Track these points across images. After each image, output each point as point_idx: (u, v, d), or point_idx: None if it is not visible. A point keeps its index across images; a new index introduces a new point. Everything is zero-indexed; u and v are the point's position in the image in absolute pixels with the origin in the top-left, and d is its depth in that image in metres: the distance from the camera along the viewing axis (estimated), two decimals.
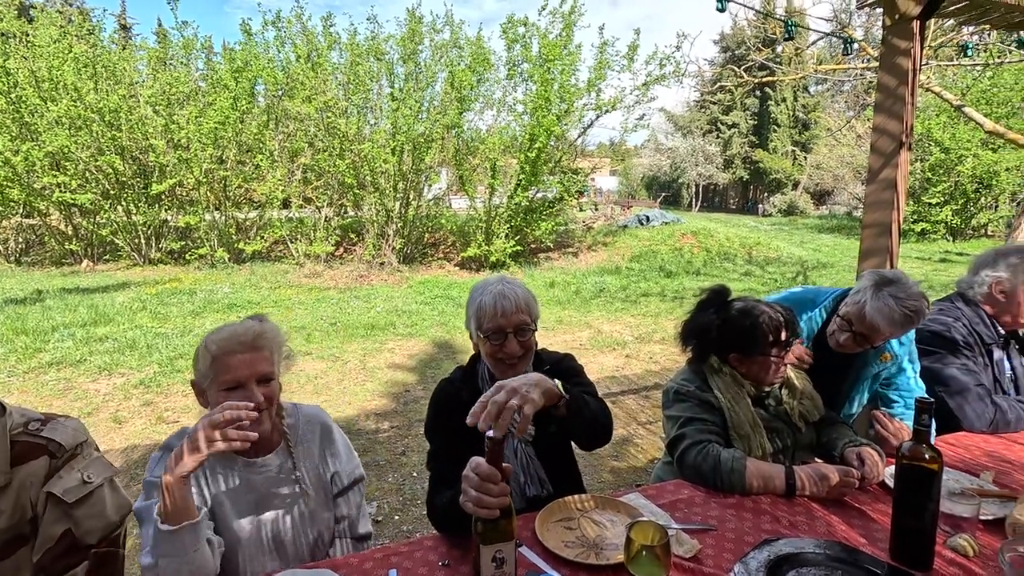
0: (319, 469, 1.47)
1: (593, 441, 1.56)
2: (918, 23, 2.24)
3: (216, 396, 1.31)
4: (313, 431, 1.50)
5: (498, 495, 1.07)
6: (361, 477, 1.56)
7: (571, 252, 13.53)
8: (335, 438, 1.53)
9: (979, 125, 7.13)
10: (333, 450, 1.51)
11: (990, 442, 1.85)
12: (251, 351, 1.32)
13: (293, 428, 1.48)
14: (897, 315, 1.72)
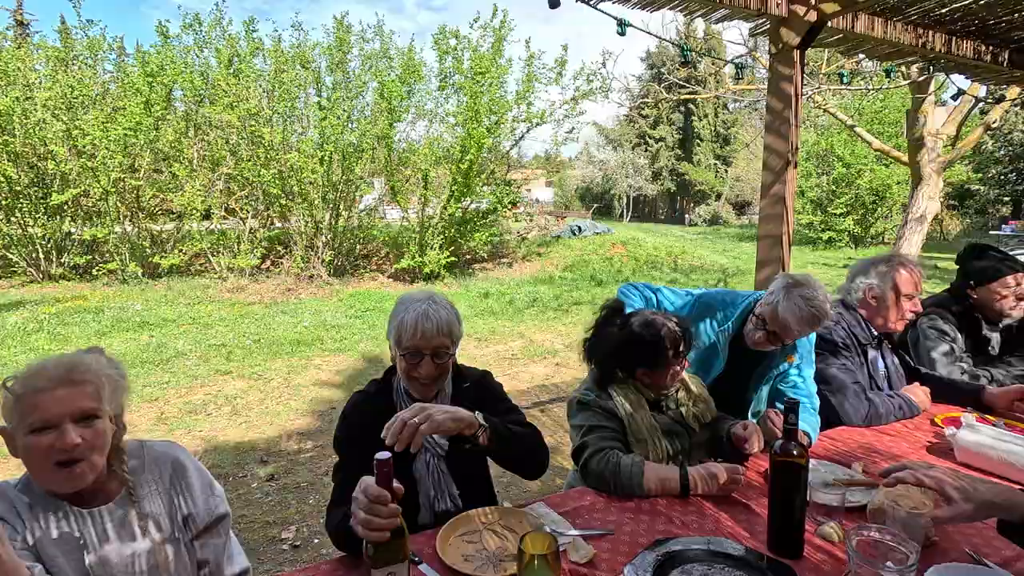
0: (171, 513, 1.30)
1: (525, 472, 1.58)
2: (799, 52, 2.45)
3: (24, 440, 1.12)
4: (162, 471, 1.32)
5: (387, 517, 1.06)
6: (224, 515, 1.38)
7: (506, 262, 13.65)
8: (189, 476, 1.35)
9: (868, 143, 7.86)
10: (186, 490, 1.34)
11: (864, 435, 2.02)
12: (65, 386, 1.13)
13: (137, 471, 1.29)
14: (806, 314, 1.86)
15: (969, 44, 3.07)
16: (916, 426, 2.09)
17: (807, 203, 18.58)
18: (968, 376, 2.44)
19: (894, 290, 2.21)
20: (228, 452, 3.98)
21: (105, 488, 1.24)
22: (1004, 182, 21.87)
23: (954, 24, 2.87)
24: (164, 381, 5.48)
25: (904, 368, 2.41)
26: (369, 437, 1.52)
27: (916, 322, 2.65)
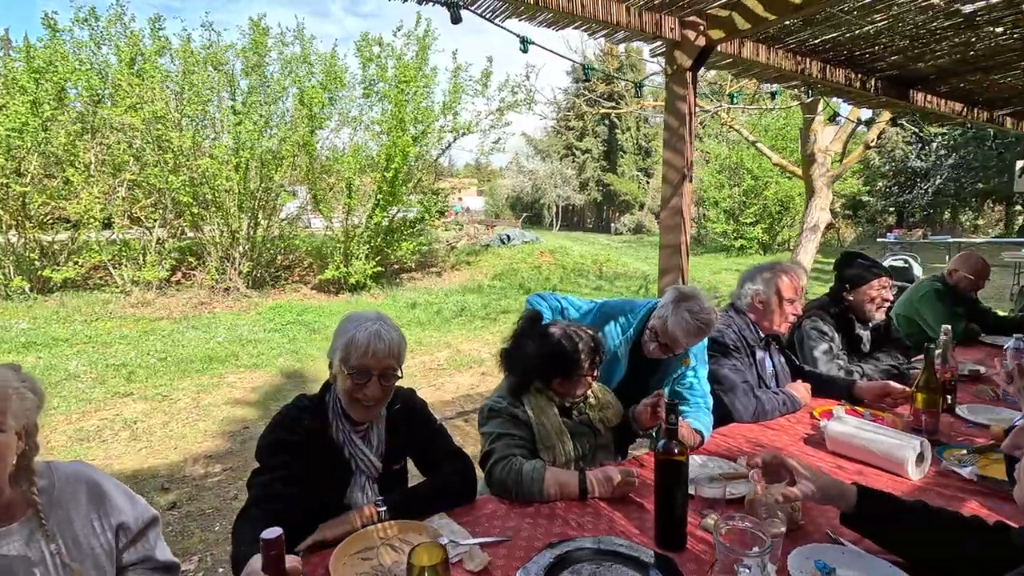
0: (90, 533, 1.27)
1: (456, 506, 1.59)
2: (691, 74, 2.62)
3: None
4: (76, 491, 1.28)
5: None
6: (155, 516, 1.39)
7: (434, 272, 13.55)
8: (107, 491, 1.33)
9: (768, 158, 8.51)
10: (109, 505, 1.32)
11: (752, 430, 2.18)
12: None
13: (47, 491, 1.24)
14: (692, 327, 1.98)
15: (841, 72, 3.41)
16: (798, 420, 2.28)
17: (720, 213, 19.77)
18: (844, 372, 2.69)
19: (777, 295, 2.40)
20: (124, 481, 3.67)
21: (8, 509, 1.17)
22: (889, 194, 24.26)
23: (827, 53, 3.18)
24: (51, 407, 4.99)
25: (789, 366, 2.62)
26: (296, 453, 1.48)
27: (800, 324, 2.90)
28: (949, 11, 2.59)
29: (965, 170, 20.87)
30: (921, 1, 2.47)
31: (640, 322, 2.12)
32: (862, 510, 1.30)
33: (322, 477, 1.50)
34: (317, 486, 1.48)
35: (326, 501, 1.50)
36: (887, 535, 1.29)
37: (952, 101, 4.16)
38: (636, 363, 2.15)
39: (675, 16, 2.58)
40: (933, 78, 3.63)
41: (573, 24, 2.54)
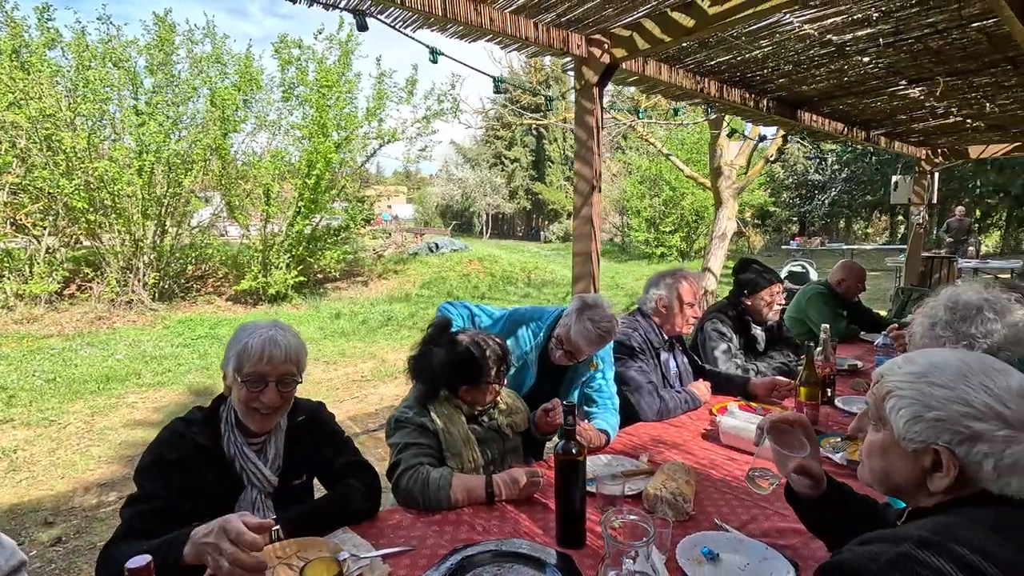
0: None
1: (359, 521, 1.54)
2: (598, 89, 2.74)
3: None
4: None
5: None
6: (22, 562, 1.24)
7: (360, 281, 13.21)
8: None
9: (680, 170, 9.02)
10: None
11: (656, 427, 2.29)
12: None
13: None
14: (593, 336, 2.06)
15: (737, 92, 3.68)
16: (698, 416, 2.42)
17: (642, 222, 20.64)
18: (741, 370, 2.88)
19: (679, 299, 2.55)
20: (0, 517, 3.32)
21: None
22: (792, 205, 26.27)
23: (723, 74, 3.43)
24: None
25: (692, 366, 2.78)
26: (184, 471, 1.40)
27: (702, 326, 3.09)
28: (823, 41, 2.87)
29: (855, 183, 23.01)
30: (799, 31, 2.72)
31: (548, 329, 2.18)
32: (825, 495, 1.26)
33: (209, 494, 1.43)
34: (202, 504, 1.41)
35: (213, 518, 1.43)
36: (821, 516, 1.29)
37: (834, 121, 4.60)
38: (546, 369, 2.21)
39: (581, 34, 2.69)
40: (816, 100, 4.01)
41: (485, 37, 2.59)
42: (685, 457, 1.98)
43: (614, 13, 2.49)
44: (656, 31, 2.45)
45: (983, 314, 1.52)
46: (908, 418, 0.93)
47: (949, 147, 5.91)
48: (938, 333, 1.58)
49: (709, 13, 2.26)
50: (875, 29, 2.71)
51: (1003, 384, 0.87)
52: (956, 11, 2.49)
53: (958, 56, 3.08)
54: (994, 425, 0.84)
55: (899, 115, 4.49)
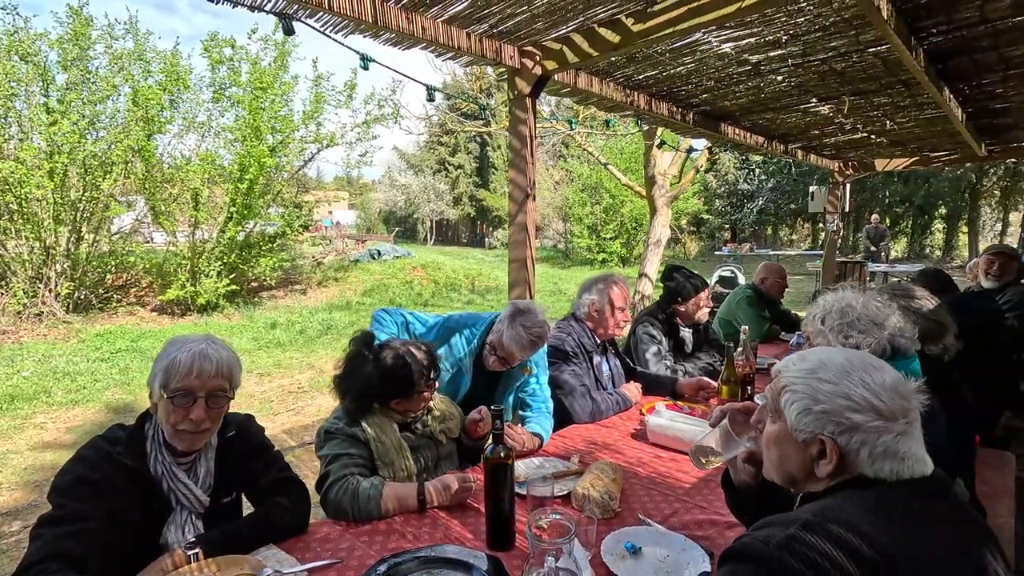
0: None
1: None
2: (531, 99, 2.80)
3: None
4: None
5: None
6: None
7: (299, 289, 12.79)
8: None
9: (617, 179, 9.30)
10: None
11: (589, 429, 2.36)
12: None
13: None
14: (526, 341, 2.09)
15: (665, 105, 3.86)
16: (629, 416, 2.51)
17: (584, 228, 21.09)
18: (670, 371, 3.01)
19: (610, 304, 2.64)
20: None
21: None
22: (724, 213, 27.59)
23: (651, 88, 3.58)
24: None
25: (624, 368, 2.88)
26: (107, 492, 1.31)
27: (635, 329, 3.20)
28: (740, 60, 3.06)
29: (780, 193, 24.44)
30: (717, 50, 2.89)
31: (483, 335, 2.21)
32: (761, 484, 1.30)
33: (134, 516, 1.36)
34: (128, 526, 1.33)
35: (139, 543, 1.36)
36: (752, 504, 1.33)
37: (755, 135, 4.89)
38: (481, 374, 2.23)
39: (514, 45, 2.75)
40: (737, 114, 4.25)
41: (419, 45, 2.60)
42: (615, 456, 2.05)
43: (544, 27, 2.56)
44: (584, 45, 2.54)
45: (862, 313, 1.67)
46: (799, 411, 1.01)
47: (858, 160, 6.41)
48: (823, 329, 1.72)
49: (633, 30, 2.36)
50: (785, 50, 2.92)
51: (879, 380, 0.97)
52: (854, 37, 2.72)
53: (859, 78, 3.36)
54: (869, 416, 0.93)
55: (812, 130, 4.84)
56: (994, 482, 2.50)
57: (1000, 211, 21.81)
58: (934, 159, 5.98)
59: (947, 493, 0.96)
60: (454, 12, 2.38)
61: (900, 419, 0.93)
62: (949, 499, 0.96)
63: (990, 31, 2.70)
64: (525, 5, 2.34)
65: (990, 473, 2.60)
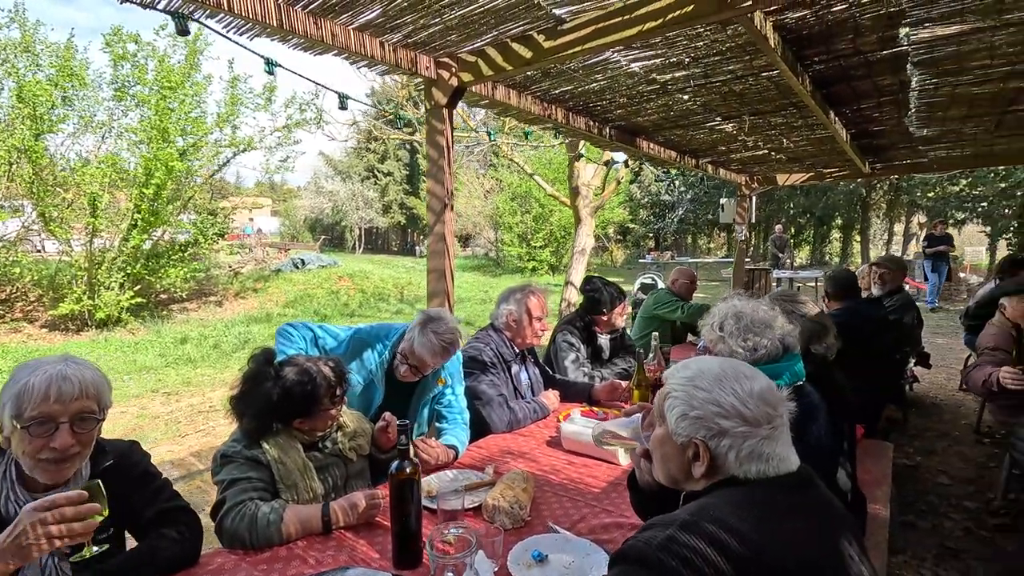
0: None
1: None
2: (447, 110, 2.80)
3: None
4: None
5: None
6: None
7: (214, 301, 12.06)
8: None
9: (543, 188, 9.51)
10: None
11: (506, 438, 2.37)
12: None
13: None
14: (437, 347, 2.07)
15: (582, 119, 3.98)
16: (546, 424, 2.54)
17: (514, 237, 21.32)
18: (587, 378, 3.09)
19: (528, 313, 2.68)
20: None
21: None
22: (648, 222, 28.80)
23: (568, 103, 3.69)
24: None
25: (543, 376, 2.93)
26: None
27: (554, 337, 3.27)
28: (649, 79, 3.22)
29: (698, 204, 25.83)
30: (627, 68, 3.02)
31: (394, 346, 2.17)
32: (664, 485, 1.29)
33: None
34: None
35: None
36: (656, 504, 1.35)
37: (668, 149, 5.15)
38: (394, 386, 2.19)
39: (430, 56, 2.75)
40: (651, 130, 4.46)
41: (331, 52, 2.54)
42: (529, 465, 2.07)
43: (459, 39, 2.58)
44: (499, 59, 2.57)
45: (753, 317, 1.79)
46: (678, 416, 1.07)
47: (762, 175, 6.90)
48: (722, 335, 1.83)
49: (545, 47, 2.43)
50: (689, 72, 3.10)
51: (747, 388, 1.04)
52: (749, 62, 2.94)
53: (757, 99, 3.63)
54: (736, 423, 1.01)
55: (719, 146, 5.16)
56: (875, 471, 2.74)
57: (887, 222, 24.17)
58: (827, 175, 6.54)
59: (809, 487, 1.04)
60: (365, 20, 2.35)
61: (765, 425, 1.01)
62: (811, 492, 1.04)
63: (864, 62, 2.99)
64: (438, 17, 2.35)
65: (871, 462, 2.85)
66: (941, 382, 5.97)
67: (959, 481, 3.67)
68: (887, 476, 2.73)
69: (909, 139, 4.84)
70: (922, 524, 3.16)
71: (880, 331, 3.48)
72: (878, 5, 2.33)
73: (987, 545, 2.95)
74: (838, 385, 2.13)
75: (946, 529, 3.10)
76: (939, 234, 11.08)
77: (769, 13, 2.38)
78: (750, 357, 1.80)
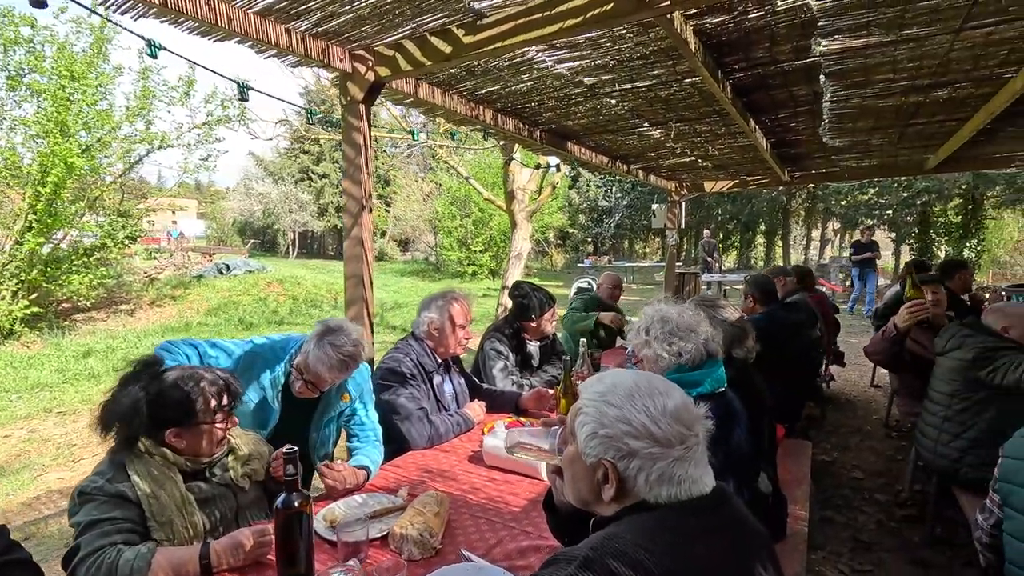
0: None
1: None
2: (364, 106, 2.64)
3: None
4: None
5: None
6: None
7: (125, 310, 11.15)
8: None
9: (480, 193, 9.42)
10: None
11: (426, 455, 2.23)
12: None
13: None
14: (335, 361, 1.89)
15: (512, 121, 3.90)
16: (470, 438, 2.42)
17: (453, 241, 21.09)
18: (516, 386, 3.00)
19: (450, 321, 2.54)
20: None
21: None
22: (587, 227, 29.31)
23: (496, 103, 3.60)
24: None
25: (469, 386, 2.80)
26: None
27: (483, 345, 3.15)
28: (576, 81, 3.18)
29: (635, 209, 26.54)
30: (553, 69, 2.96)
31: (292, 359, 1.99)
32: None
33: None
34: None
35: None
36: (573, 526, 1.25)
37: (599, 154, 5.17)
38: (292, 405, 2.00)
39: (344, 48, 2.57)
40: (581, 134, 4.45)
41: (231, 38, 2.32)
42: (448, 484, 1.94)
43: (374, 31, 2.43)
44: (417, 54, 2.44)
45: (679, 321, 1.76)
46: (587, 434, 0.98)
47: (691, 181, 7.09)
48: (648, 339, 1.79)
49: (464, 42, 2.31)
50: (615, 75, 3.08)
51: (660, 406, 0.96)
52: (672, 67, 2.95)
53: (682, 106, 3.67)
54: (647, 443, 0.92)
55: (649, 152, 5.23)
56: (795, 470, 2.80)
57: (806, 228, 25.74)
58: (750, 182, 6.80)
59: (722, 505, 0.98)
60: (266, 3, 2.15)
61: (677, 445, 0.93)
62: (724, 511, 0.97)
63: (780, 71, 3.08)
64: (348, 5, 2.19)
65: (792, 462, 2.91)
66: (855, 379, 6.32)
67: (871, 475, 3.85)
68: (806, 475, 2.79)
69: (823, 149, 5.09)
70: (839, 519, 3.26)
71: (797, 334, 3.59)
72: (792, 14, 2.37)
73: (896, 536, 3.08)
74: (758, 389, 2.13)
75: (860, 523, 3.22)
76: (865, 241, 10.44)
77: (689, 17, 2.37)
78: (675, 362, 1.78)
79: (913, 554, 2.91)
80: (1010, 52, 2.79)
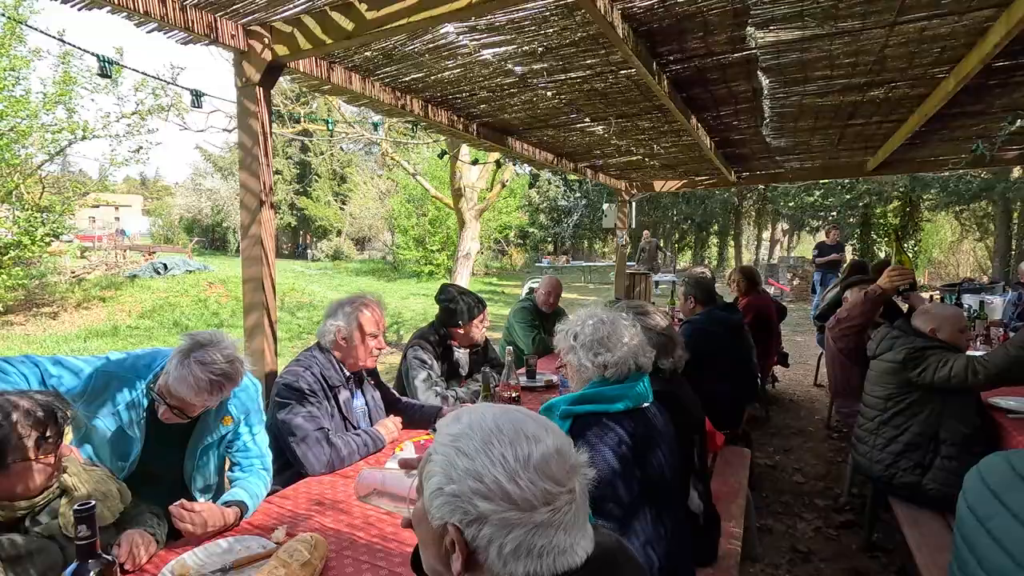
0: None
1: None
2: (261, 89, 2.36)
3: None
4: None
5: None
6: None
7: (47, 313, 10.36)
8: None
9: (427, 190, 9.13)
10: None
11: (323, 482, 1.97)
12: None
13: None
14: (203, 383, 1.60)
15: (444, 113, 3.67)
16: (377, 460, 2.18)
17: (410, 240, 20.66)
18: (441, 398, 2.77)
19: (360, 330, 2.29)
20: None
21: None
22: (546, 227, 29.28)
23: (424, 93, 3.36)
24: None
25: (386, 400, 2.55)
26: None
27: (406, 353, 2.91)
28: (505, 70, 2.97)
29: (593, 209, 26.67)
30: (477, 56, 2.75)
31: (155, 379, 1.70)
32: None
33: None
34: None
35: None
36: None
37: (544, 151, 4.99)
38: (159, 432, 1.72)
39: (236, 22, 2.29)
40: (521, 129, 4.25)
41: (101, 7, 2.01)
42: (338, 519, 1.69)
43: (268, 4, 2.15)
44: (317, 30, 2.18)
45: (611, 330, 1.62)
46: (432, 489, 0.77)
47: (640, 180, 7.01)
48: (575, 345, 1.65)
49: (367, 18, 2.07)
50: (546, 64, 2.89)
51: (524, 455, 0.75)
52: (604, 56, 2.78)
53: (620, 100, 3.52)
54: (500, 505, 0.71)
55: (595, 149, 5.08)
56: (732, 482, 2.68)
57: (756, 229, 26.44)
58: (699, 182, 6.77)
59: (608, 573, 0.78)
60: None
61: (541, 507, 0.72)
62: None
63: (717, 64, 2.95)
64: None
65: (729, 472, 2.79)
66: (799, 379, 6.37)
67: (812, 478, 3.80)
68: (743, 486, 2.67)
69: (767, 150, 5.06)
70: (778, 527, 3.18)
71: (738, 334, 3.50)
72: (724, 1, 2.23)
73: (834, 543, 3.01)
74: (686, 403, 1.98)
75: (799, 531, 3.14)
76: (831, 242, 9.36)
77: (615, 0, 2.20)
78: (597, 375, 1.63)
79: (850, 562, 2.84)
80: (943, 50, 2.74)
